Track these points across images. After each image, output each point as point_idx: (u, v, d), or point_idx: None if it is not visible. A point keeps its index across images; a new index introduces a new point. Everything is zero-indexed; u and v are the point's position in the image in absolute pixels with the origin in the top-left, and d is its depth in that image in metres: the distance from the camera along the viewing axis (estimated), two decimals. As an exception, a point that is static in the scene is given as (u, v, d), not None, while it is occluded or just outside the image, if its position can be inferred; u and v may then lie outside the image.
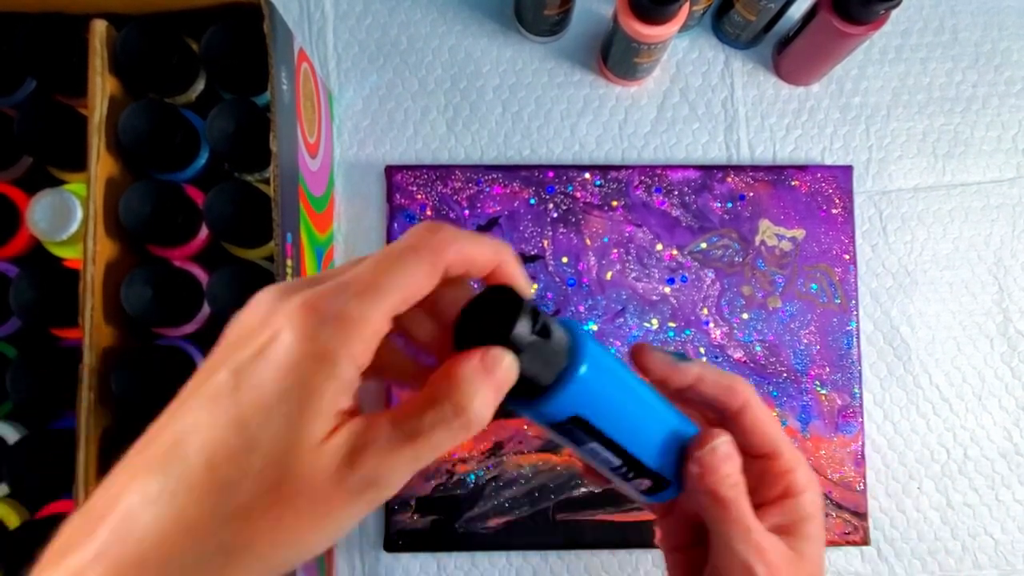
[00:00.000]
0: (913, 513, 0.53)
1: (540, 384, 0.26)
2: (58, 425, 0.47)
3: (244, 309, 0.24)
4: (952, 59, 0.56)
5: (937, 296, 0.54)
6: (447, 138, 0.55)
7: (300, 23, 0.56)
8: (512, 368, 0.23)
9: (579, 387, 0.26)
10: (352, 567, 0.52)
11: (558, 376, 0.26)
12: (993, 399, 0.54)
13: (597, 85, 0.56)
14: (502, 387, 0.23)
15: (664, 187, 0.54)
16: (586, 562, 0.52)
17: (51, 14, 0.43)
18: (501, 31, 0.56)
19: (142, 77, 0.44)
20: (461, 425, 0.22)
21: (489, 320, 0.24)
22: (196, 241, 0.46)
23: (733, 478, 0.30)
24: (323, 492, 0.21)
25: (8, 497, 0.46)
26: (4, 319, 0.45)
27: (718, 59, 0.56)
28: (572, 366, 0.26)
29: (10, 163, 0.47)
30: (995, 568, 0.52)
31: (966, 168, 0.55)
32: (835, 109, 0.56)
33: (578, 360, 0.26)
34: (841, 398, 0.52)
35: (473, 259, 0.24)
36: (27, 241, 0.46)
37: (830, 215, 0.53)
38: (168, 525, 0.20)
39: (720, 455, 0.30)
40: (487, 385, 0.22)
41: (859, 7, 0.45)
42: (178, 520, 0.20)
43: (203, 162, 0.47)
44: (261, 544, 0.21)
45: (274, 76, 0.40)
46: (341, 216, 0.55)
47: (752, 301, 0.53)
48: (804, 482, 0.32)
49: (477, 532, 0.51)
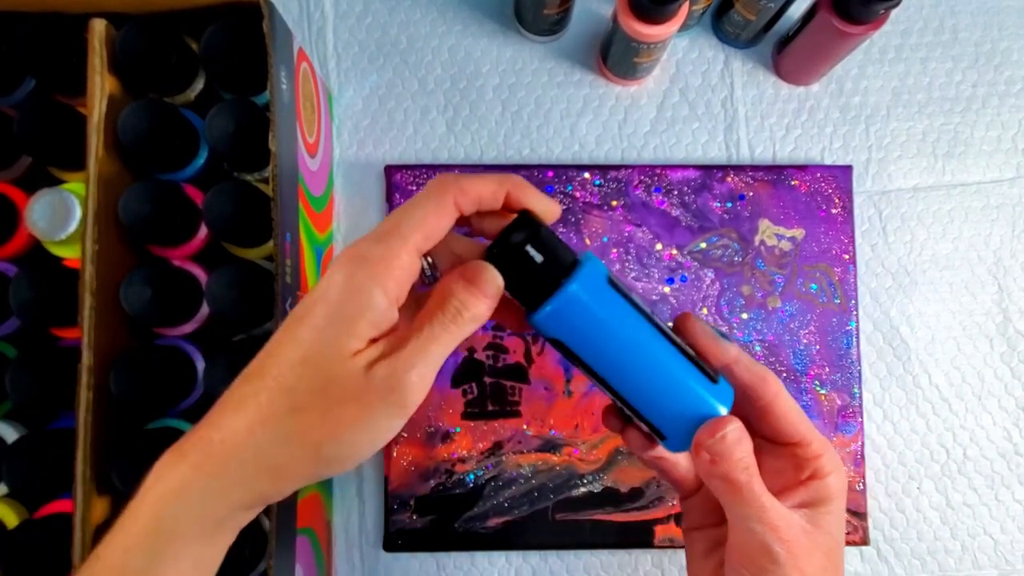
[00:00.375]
0: (913, 513, 0.53)
1: (535, 298, 0.29)
2: (57, 425, 0.47)
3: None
4: (952, 59, 0.56)
5: (937, 296, 0.54)
6: (447, 138, 0.55)
7: (300, 23, 0.56)
8: (491, 276, 0.28)
9: (560, 308, 0.29)
10: (352, 567, 0.52)
11: (547, 293, 0.29)
12: (993, 399, 0.54)
13: (597, 85, 0.56)
14: (486, 291, 0.28)
15: (664, 187, 0.54)
16: (585, 562, 0.52)
17: (51, 14, 0.43)
18: (501, 31, 0.56)
19: (141, 76, 0.44)
20: (457, 324, 0.28)
21: (498, 239, 0.29)
22: (195, 241, 0.46)
23: (744, 461, 0.31)
24: (356, 393, 0.26)
25: (7, 497, 0.46)
26: (3, 319, 0.45)
27: (718, 59, 0.56)
28: (560, 288, 0.28)
29: (9, 163, 0.47)
30: (995, 568, 0.52)
31: (966, 168, 0.55)
32: (835, 109, 0.56)
33: (568, 283, 0.28)
34: (841, 398, 0.52)
35: (479, 193, 0.29)
36: (26, 241, 0.46)
37: (830, 215, 0.53)
38: (251, 416, 0.27)
39: (730, 442, 0.31)
40: (469, 292, 0.28)
41: (859, 7, 0.45)
42: (256, 414, 0.27)
43: (202, 162, 0.47)
44: (313, 433, 0.27)
45: (274, 76, 0.40)
46: (341, 216, 0.55)
47: (752, 301, 0.53)
48: (832, 466, 0.33)
49: (476, 532, 0.51)
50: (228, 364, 0.42)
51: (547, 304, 0.29)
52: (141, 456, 0.41)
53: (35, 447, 0.42)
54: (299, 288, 0.44)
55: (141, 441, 0.42)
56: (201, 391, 0.46)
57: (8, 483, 0.42)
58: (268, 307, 0.42)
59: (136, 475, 0.41)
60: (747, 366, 0.33)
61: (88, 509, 0.40)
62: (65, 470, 0.40)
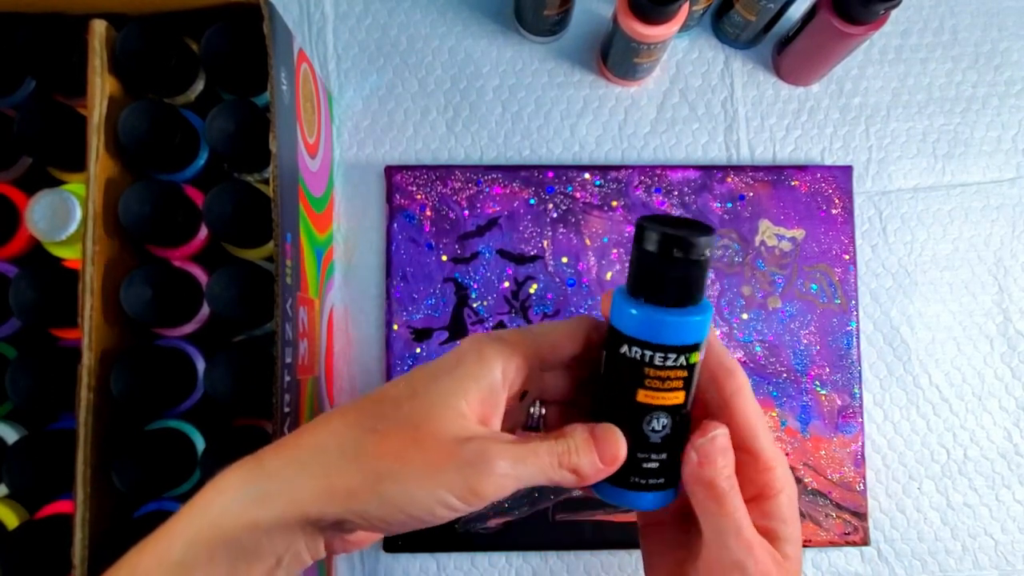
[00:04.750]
0: (913, 513, 0.53)
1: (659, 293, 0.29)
2: (57, 425, 0.47)
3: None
4: (952, 59, 0.56)
5: (937, 296, 0.54)
6: (447, 138, 0.55)
7: (300, 23, 0.56)
8: (617, 443, 0.29)
9: (690, 323, 0.29)
10: (352, 567, 0.52)
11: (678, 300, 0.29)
12: (993, 399, 0.54)
13: (597, 85, 0.56)
14: (603, 453, 0.29)
15: (664, 187, 0.54)
16: (585, 562, 0.52)
17: (51, 14, 0.43)
18: (501, 31, 0.56)
19: (142, 77, 0.44)
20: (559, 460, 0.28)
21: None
22: (196, 241, 0.46)
23: (728, 470, 0.30)
24: (440, 448, 0.27)
25: (7, 497, 0.46)
26: (3, 319, 0.45)
27: (718, 59, 0.56)
28: (699, 307, 0.30)
29: (9, 163, 0.47)
30: (995, 568, 0.52)
31: (966, 168, 0.55)
32: (835, 109, 0.56)
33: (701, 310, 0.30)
34: (841, 398, 0.52)
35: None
36: (26, 241, 0.46)
37: (830, 215, 0.53)
38: (338, 426, 0.28)
39: (719, 446, 0.30)
40: (588, 443, 0.29)
41: (859, 7, 0.45)
42: (343, 424, 0.28)
43: (203, 162, 0.47)
44: (381, 461, 0.27)
45: (274, 76, 0.40)
46: (341, 216, 0.55)
47: (752, 301, 0.53)
48: (781, 483, 0.32)
49: (477, 532, 0.51)
50: (228, 365, 0.42)
51: (674, 313, 0.29)
52: (141, 456, 0.41)
53: (35, 448, 0.42)
54: (299, 289, 0.44)
55: (141, 441, 0.42)
56: (201, 392, 0.46)
57: (8, 484, 0.42)
58: (268, 308, 0.42)
59: (136, 475, 0.41)
60: (717, 357, 0.32)
61: (88, 510, 0.40)
62: (65, 471, 0.40)
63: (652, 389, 0.29)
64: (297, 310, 0.43)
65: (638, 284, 0.29)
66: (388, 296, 0.53)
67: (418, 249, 0.53)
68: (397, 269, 0.53)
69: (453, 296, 0.53)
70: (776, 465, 0.32)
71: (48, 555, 0.41)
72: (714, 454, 0.30)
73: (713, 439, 0.30)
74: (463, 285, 0.53)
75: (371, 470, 0.27)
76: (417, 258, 0.53)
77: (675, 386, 0.29)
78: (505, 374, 0.29)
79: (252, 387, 0.41)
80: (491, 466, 0.27)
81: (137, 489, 0.41)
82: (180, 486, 0.45)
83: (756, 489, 0.32)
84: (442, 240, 0.53)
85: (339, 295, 0.54)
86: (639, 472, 0.31)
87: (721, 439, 0.30)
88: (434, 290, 0.53)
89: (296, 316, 0.43)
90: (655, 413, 0.30)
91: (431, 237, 0.53)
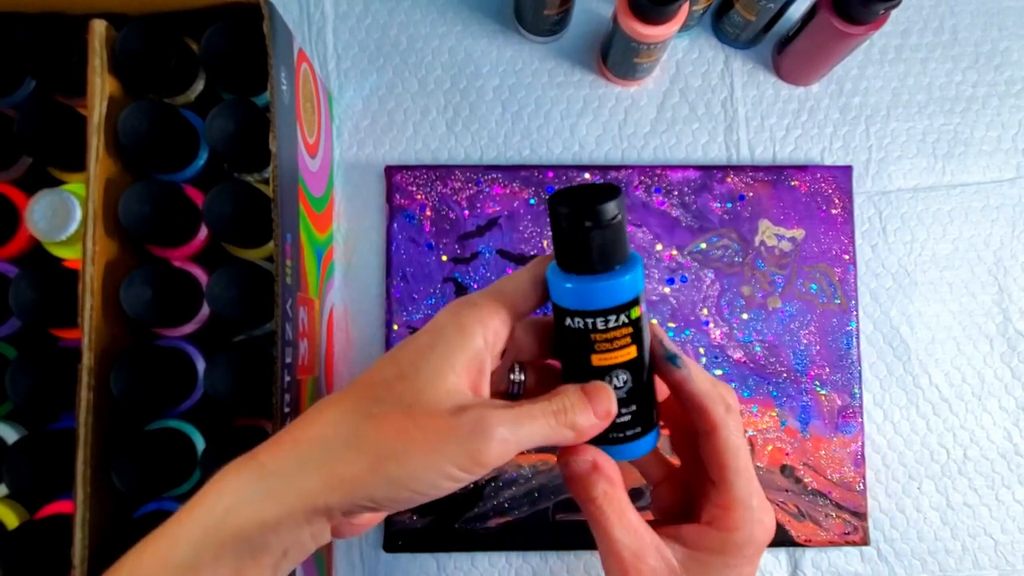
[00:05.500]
0: (913, 513, 0.53)
1: (580, 262, 0.30)
2: (57, 425, 0.47)
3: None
4: (952, 59, 0.56)
5: (937, 296, 0.54)
6: (447, 138, 0.55)
7: (300, 23, 0.56)
8: (609, 400, 0.30)
9: (609, 287, 0.30)
10: (352, 567, 0.52)
11: (598, 266, 0.30)
12: (993, 399, 0.54)
13: (597, 85, 0.56)
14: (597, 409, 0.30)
15: (664, 187, 0.54)
16: (585, 562, 0.52)
17: (51, 14, 0.43)
18: (501, 31, 0.56)
19: (141, 77, 0.44)
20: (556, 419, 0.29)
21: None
22: (196, 241, 0.46)
23: (599, 489, 0.31)
24: (438, 423, 0.27)
25: (7, 497, 0.46)
26: (3, 319, 0.45)
27: (718, 59, 0.56)
28: (616, 270, 0.30)
29: (9, 163, 0.47)
30: (995, 568, 0.52)
31: (966, 168, 0.55)
32: (835, 109, 0.56)
33: (624, 270, 0.30)
34: (841, 398, 0.52)
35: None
36: (26, 241, 0.46)
37: (830, 215, 0.53)
38: (334, 415, 0.28)
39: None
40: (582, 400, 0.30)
41: (859, 7, 0.45)
42: (337, 413, 0.28)
43: (202, 162, 0.47)
44: (383, 444, 0.27)
45: (274, 76, 0.40)
46: (341, 216, 0.55)
47: (752, 301, 0.53)
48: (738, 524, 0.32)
49: (476, 532, 0.51)
50: (228, 365, 0.42)
51: (602, 278, 0.29)
52: (141, 457, 0.41)
53: (35, 448, 0.42)
54: (299, 289, 0.44)
55: (141, 441, 0.42)
56: (201, 392, 0.46)
57: (8, 484, 0.42)
58: (268, 308, 0.42)
59: (136, 475, 0.41)
60: (700, 387, 0.32)
61: (88, 510, 0.40)
62: (65, 471, 0.40)
63: (603, 352, 0.31)
64: (297, 310, 0.43)
65: (563, 259, 0.30)
66: (388, 296, 0.53)
67: (418, 249, 0.53)
68: (397, 269, 0.53)
69: (453, 296, 0.53)
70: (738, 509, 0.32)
71: (48, 555, 0.41)
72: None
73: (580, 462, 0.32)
74: (463, 285, 0.53)
75: (374, 454, 0.27)
76: (417, 258, 0.53)
77: (624, 343, 0.31)
78: (486, 339, 0.30)
79: (252, 387, 0.41)
80: (490, 432, 0.27)
81: (137, 489, 0.41)
82: (180, 486, 0.45)
83: (709, 516, 0.32)
84: (442, 240, 0.53)
85: (339, 295, 0.54)
86: (615, 428, 0.32)
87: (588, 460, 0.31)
88: (434, 290, 0.53)
89: (296, 316, 0.43)
90: (613, 372, 0.31)
91: (431, 237, 0.53)
